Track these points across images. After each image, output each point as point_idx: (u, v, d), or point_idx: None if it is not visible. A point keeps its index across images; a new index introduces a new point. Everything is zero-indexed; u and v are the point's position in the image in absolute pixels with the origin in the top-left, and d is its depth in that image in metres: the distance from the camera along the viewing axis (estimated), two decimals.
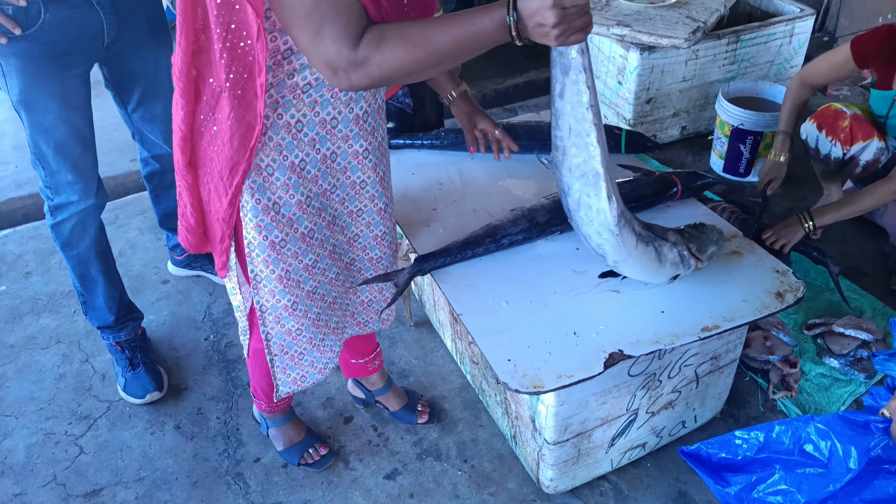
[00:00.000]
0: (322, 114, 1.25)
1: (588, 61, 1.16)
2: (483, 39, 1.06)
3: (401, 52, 1.05)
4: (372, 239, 1.50)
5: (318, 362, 1.58)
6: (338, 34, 1.03)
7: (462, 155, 2.08)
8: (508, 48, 1.25)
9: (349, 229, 1.45)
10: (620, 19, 2.80)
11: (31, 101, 1.70)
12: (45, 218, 1.91)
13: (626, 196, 1.72)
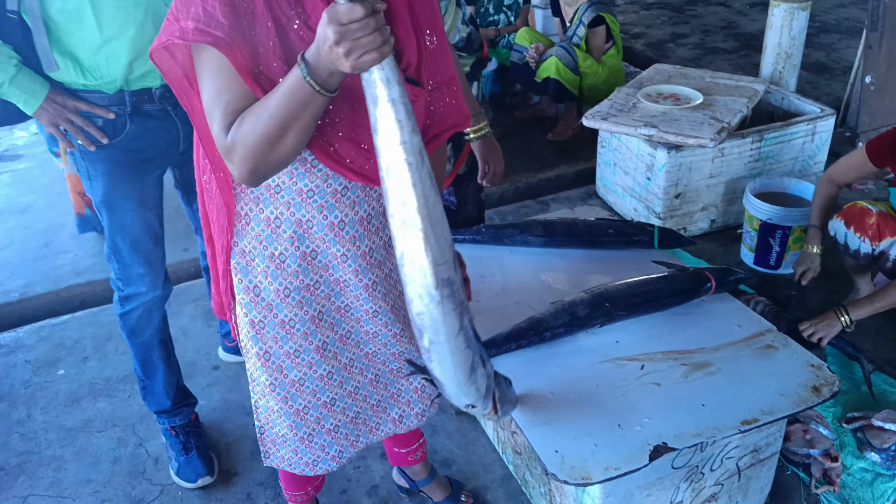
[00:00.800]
0: (297, 214, 1.29)
1: (399, 93, 1.03)
2: (297, 95, 1.03)
3: (249, 125, 1.07)
4: (374, 336, 1.49)
5: (304, 455, 1.55)
6: (217, 123, 1.09)
7: (502, 249, 2.20)
8: (540, 145, 1.37)
9: (340, 326, 1.44)
10: (647, 120, 2.96)
11: (112, 201, 1.87)
12: (114, 307, 2.04)
13: (662, 291, 1.82)
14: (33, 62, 1.71)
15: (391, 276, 1.45)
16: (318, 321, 1.42)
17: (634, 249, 2.12)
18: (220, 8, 1.05)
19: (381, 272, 1.42)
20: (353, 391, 1.52)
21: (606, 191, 3.46)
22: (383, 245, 1.42)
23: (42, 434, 2.37)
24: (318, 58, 0.99)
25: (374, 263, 1.40)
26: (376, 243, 1.40)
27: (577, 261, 2.11)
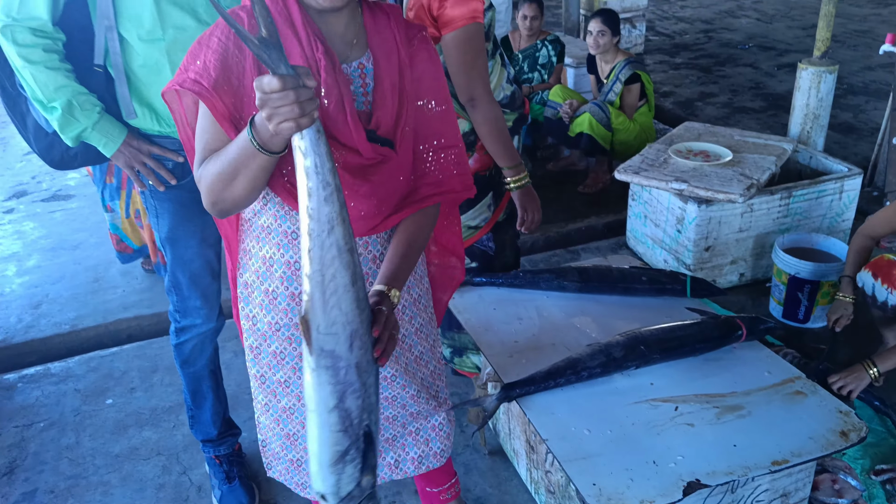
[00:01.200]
0: (286, 255, 1.38)
1: (313, 163, 1.08)
2: (244, 150, 1.13)
3: (211, 165, 1.20)
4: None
5: (294, 476, 1.60)
6: (195, 158, 1.25)
7: (537, 293, 2.29)
8: (571, 197, 1.47)
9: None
10: (678, 175, 3.07)
11: (176, 238, 2.00)
12: (170, 337, 2.16)
13: (695, 337, 1.89)
14: (114, 110, 1.88)
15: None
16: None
17: (667, 297, 2.20)
18: (213, 63, 1.21)
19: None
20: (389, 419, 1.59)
21: (637, 242, 3.55)
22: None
23: (90, 460, 2.47)
24: (261, 120, 1.08)
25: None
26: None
27: (612, 307, 2.19)
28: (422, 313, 1.59)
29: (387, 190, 1.35)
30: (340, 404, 1.16)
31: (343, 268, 1.11)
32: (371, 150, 1.28)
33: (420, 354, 1.60)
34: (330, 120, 1.24)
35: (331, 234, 1.10)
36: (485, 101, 2.05)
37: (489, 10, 2.11)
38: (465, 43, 1.99)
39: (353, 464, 1.20)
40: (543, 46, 4.68)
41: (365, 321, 1.16)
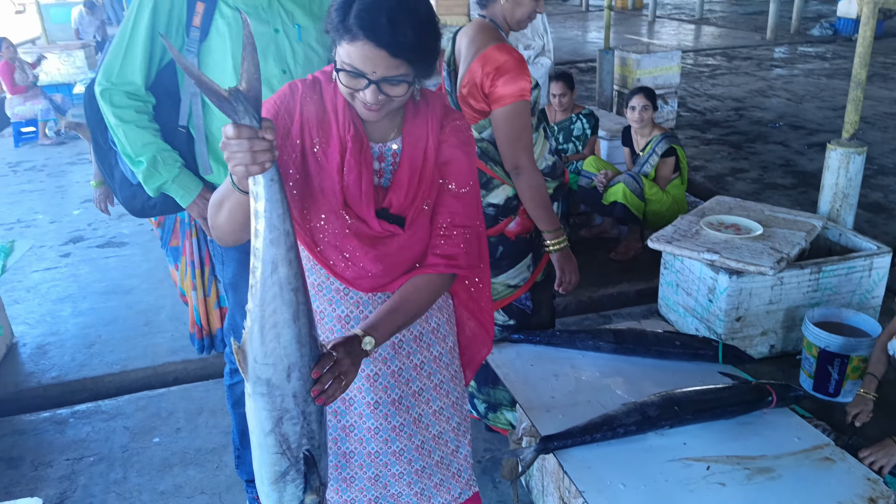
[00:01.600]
0: (337, 310, 1.53)
1: (263, 208, 1.20)
2: (227, 184, 1.29)
3: (211, 209, 1.38)
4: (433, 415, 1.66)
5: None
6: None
7: (573, 353, 2.39)
8: (603, 263, 1.56)
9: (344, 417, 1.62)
10: (710, 246, 3.18)
11: (238, 283, 2.16)
12: (224, 378, 2.29)
13: (727, 400, 1.97)
14: (192, 165, 2.07)
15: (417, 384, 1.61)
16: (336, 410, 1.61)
17: (699, 363, 2.28)
18: (271, 118, 1.39)
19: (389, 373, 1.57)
20: (373, 477, 1.64)
21: (668, 310, 3.63)
22: (400, 356, 1.57)
23: (136, 495, 2.57)
24: None
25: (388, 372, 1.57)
26: (387, 351, 1.55)
27: (645, 368, 2.28)
28: (443, 370, 1.66)
29: (395, 259, 1.46)
30: (276, 428, 1.26)
31: (284, 305, 1.22)
32: (378, 226, 1.41)
33: (439, 409, 1.67)
34: (349, 193, 1.40)
35: (273, 274, 1.21)
36: (528, 170, 2.20)
37: (535, 89, 2.29)
38: (512, 118, 2.16)
39: (295, 483, 1.30)
40: (578, 119, 4.89)
41: (306, 356, 1.25)
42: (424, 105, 1.48)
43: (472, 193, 1.51)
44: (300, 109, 1.41)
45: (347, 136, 1.39)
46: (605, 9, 7.49)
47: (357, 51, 1.27)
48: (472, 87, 2.22)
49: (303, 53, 2.02)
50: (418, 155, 1.44)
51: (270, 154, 1.17)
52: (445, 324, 1.68)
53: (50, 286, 4.29)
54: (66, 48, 9.98)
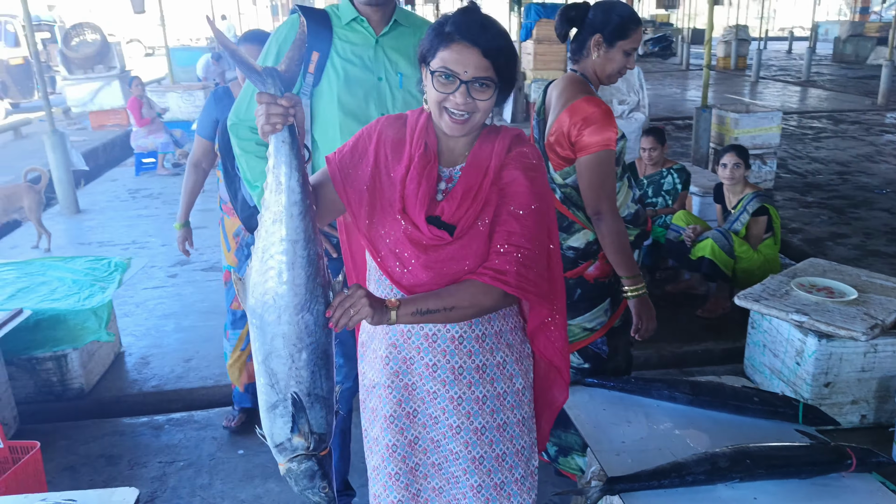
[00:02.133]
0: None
1: (273, 164, 1.41)
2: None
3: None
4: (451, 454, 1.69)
5: None
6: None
7: (647, 401, 2.38)
8: (689, 320, 1.54)
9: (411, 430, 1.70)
10: (799, 307, 3.11)
11: None
12: None
13: (802, 459, 1.93)
14: None
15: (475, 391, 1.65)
16: (393, 419, 1.70)
17: (778, 422, 2.24)
18: (350, 144, 1.62)
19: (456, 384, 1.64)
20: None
21: (754, 370, 3.54)
22: (451, 364, 1.63)
23: (219, 501, 2.73)
24: None
25: (439, 379, 1.64)
26: (439, 360, 1.63)
27: (720, 423, 2.25)
28: (507, 411, 1.68)
29: (444, 268, 1.54)
30: (266, 362, 1.41)
31: (280, 253, 1.38)
32: (428, 230, 1.53)
33: (502, 455, 1.69)
34: (408, 201, 1.54)
35: (274, 223, 1.39)
36: (609, 216, 2.26)
37: (622, 140, 2.36)
38: (596, 166, 2.24)
39: (284, 419, 1.44)
40: (669, 174, 4.89)
41: (299, 305, 1.38)
42: (495, 134, 1.60)
43: (532, 216, 1.55)
44: (379, 133, 1.61)
45: (416, 153, 1.56)
46: (703, 67, 7.48)
47: (452, 53, 1.45)
48: (560, 136, 2.32)
49: (402, 99, 2.20)
50: (478, 173, 1.55)
51: (282, 119, 1.37)
52: (514, 363, 1.69)
53: (157, 303, 4.63)
54: (187, 88, 10.84)
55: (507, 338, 1.68)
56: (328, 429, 1.49)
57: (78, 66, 12.00)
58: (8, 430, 3.06)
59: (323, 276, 1.43)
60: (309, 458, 1.47)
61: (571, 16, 2.42)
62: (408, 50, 2.22)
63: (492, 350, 1.65)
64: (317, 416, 1.44)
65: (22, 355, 3.31)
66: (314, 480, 1.50)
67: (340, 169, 1.59)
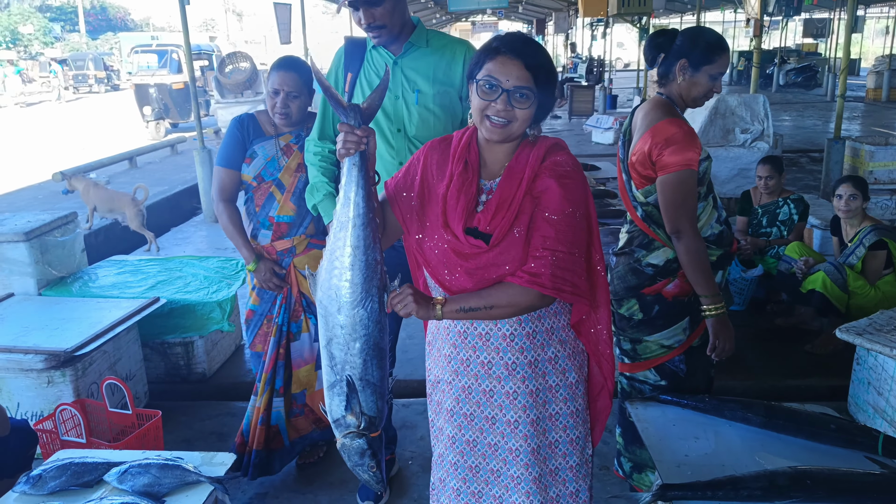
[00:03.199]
0: (458, 325, 1.82)
1: (345, 182, 1.62)
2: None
3: None
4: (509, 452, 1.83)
5: None
6: None
7: (720, 421, 2.37)
8: (797, 355, 1.46)
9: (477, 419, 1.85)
10: None
11: None
12: None
13: (870, 486, 1.89)
14: None
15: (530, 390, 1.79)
16: (453, 414, 1.87)
17: (854, 451, 2.16)
18: (403, 170, 1.83)
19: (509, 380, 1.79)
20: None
21: (857, 409, 3.37)
22: (506, 364, 1.77)
23: (311, 480, 2.96)
24: None
25: (493, 376, 1.80)
26: (493, 358, 1.78)
27: (792, 447, 2.21)
28: (559, 403, 1.83)
29: (484, 275, 1.69)
30: (328, 346, 1.64)
31: (343, 256, 1.60)
32: (465, 239, 1.68)
33: (555, 442, 1.83)
34: (449, 215, 1.72)
35: (341, 231, 1.61)
36: (688, 235, 2.30)
37: (706, 161, 2.39)
38: (676, 185, 2.30)
39: (340, 398, 1.64)
40: (785, 204, 4.74)
41: (356, 302, 1.59)
42: (532, 146, 1.73)
43: (565, 221, 1.66)
44: (425, 156, 1.81)
45: (456, 171, 1.73)
46: (838, 97, 7.13)
47: (496, 64, 1.62)
48: (642, 156, 2.40)
49: (418, 115, 2.47)
50: (512, 185, 1.69)
51: (355, 146, 1.59)
52: (567, 358, 1.82)
53: None
54: None
55: (560, 334, 1.80)
56: (379, 413, 1.67)
57: (229, 90, 13.20)
58: (139, 403, 3.49)
59: (380, 279, 1.63)
60: (360, 437, 1.65)
61: (659, 42, 2.50)
62: (427, 69, 2.48)
63: (543, 346, 1.77)
64: (368, 399, 1.64)
65: (156, 339, 3.76)
66: (363, 458, 1.67)
67: (395, 192, 1.80)
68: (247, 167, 2.79)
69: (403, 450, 3.16)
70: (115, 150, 11.55)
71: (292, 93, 2.71)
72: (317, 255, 2.54)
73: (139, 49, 16.68)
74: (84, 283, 3.94)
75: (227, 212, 2.81)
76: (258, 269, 2.79)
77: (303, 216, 2.80)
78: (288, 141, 2.80)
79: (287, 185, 2.78)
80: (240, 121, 2.82)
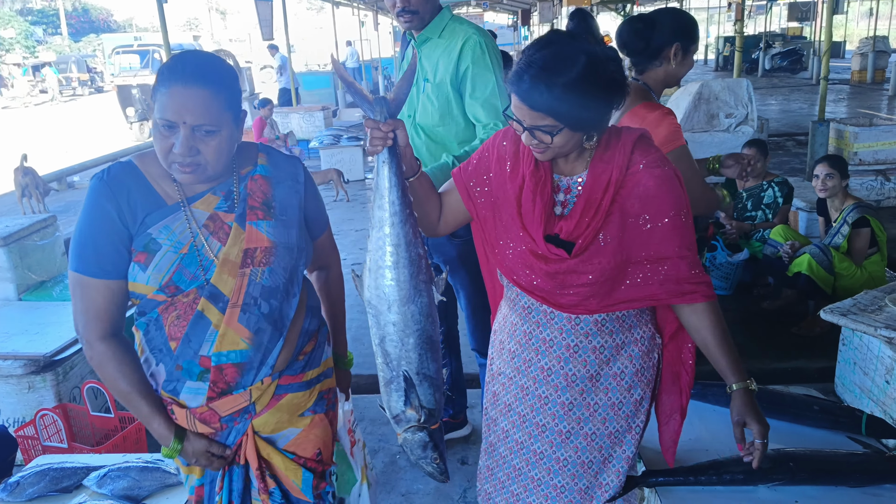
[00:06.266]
0: (513, 317, 1.79)
1: (377, 180, 1.56)
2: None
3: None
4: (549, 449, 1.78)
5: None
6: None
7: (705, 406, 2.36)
8: (784, 338, 1.44)
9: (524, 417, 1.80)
10: (890, 323, 2.94)
11: None
12: None
13: (851, 467, 1.89)
14: None
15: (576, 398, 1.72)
16: (509, 408, 1.82)
17: (838, 432, 2.16)
18: (475, 159, 1.73)
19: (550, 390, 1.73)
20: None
21: (844, 389, 3.37)
22: (566, 374, 1.70)
23: None
24: None
25: (542, 381, 1.73)
26: (554, 366, 1.70)
27: (778, 430, 2.18)
28: (620, 420, 1.74)
29: (565, 280, 1.58)
30: (381, 344, 1.61)
31: (386, 255, 1.55)
32: (545, 247, 1.57)
33: (609, 457, 1.76)
34: (526, 218, 1.60)
35: (380, 230, 1.56)
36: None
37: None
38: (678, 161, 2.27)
39: (398, 393, 1.62)
40: (770, 187, 4.74)
41: (404, 297, 1.55)
42: (616, 141, 1.58)
43: (666, 226, 1.56)
44: (498, 148, 1.69)
45: (527, 171, 1.61)
46: (821, 80, 7.13)
47: (513, 102, 1.51)
48: None
49: (421, 103, 2.50)
50: (599, 188, 1.55)
51: (382, 142, 1.53)
52: (634, 375, 1.71)
53: None
54: (308, 110, 11.55)
55: (631, 349, 1.70)
56: (437, 406, 1.65)
57: None
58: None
59: (426, 273, 1.59)
60: (421, 430, 1.65)
61: (639, 27, 2.47)
62: (437, 60, 2.48)
63: (608, 361, 1.69)
64: (426, 392, 1.62)
65: None
66: (426, 451, 1.67)
67: (466, 185, 1.71)
68: (141, 271, 1.55)
69: (391, 444, 3.14)
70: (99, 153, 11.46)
71: (204, 126, 1.49)
72: (295, 404, 1.69)
73: (121, 50, 16.56)
74: (65, 286, 3.89)
75: (115, 356, 1.59)
76: (184, 453, 1.64)
77: (265, 343, 1.62)
78: (212, 207, 1.60)
79: (229, 292, 1.57)
80: (108, 182, 1.54)
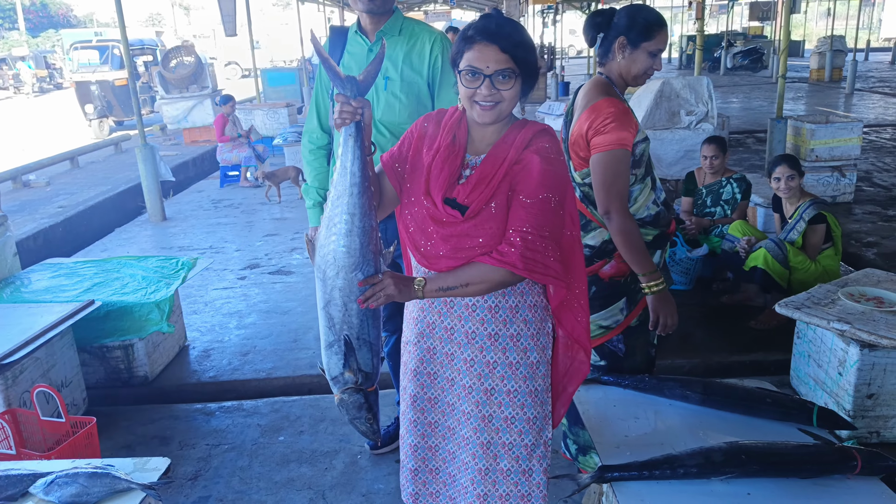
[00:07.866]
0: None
1: (341, 152, 1.68)
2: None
3: None
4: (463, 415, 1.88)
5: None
6: None
7: (661, 400, 2.38)
8: (742, 331, 1.50)
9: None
10: (843, 316, 3.01)
11: None
12: None
13: (802, 458, 1.91)
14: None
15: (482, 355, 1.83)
16: (416, 374, 1.93)
17: (790, 424, 2.19)
18: (398, 143, 1.89)
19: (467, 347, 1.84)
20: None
21: (799, 381, 3.44)
22: (466, 332, 1.82)
23: (255, 482, 2.91)
24: None
25: (454, 341, 1.85)
26: (455, 324, 1.83)
27: (730, 423, 2.22)
28: (519, 381, 1.83)
29: (460, 243, 1.73)
30: (326, 308, 1.70)
31: (340, 223, 1.65)
32: (442, 208, 1.73)
33: (511, 418, 1.83)
34: (431, 184, 1.77)
35: (338, 199, 1.66)
36: (618, 215, 2.29)
37: (644, 143, 2.38)
38: (607, 164, 2.28)
39: (338, 356, 1.72)
40: (728, 184, 4.80)
41: (353, 265, 1.65)
42: (520, 129, 1.77)
43: (539, 205, 1.69)
44: (420, 129, 1.87)
45: (444, 143, 1.79)
46: (779, 77, 7.26)
47: (474, 52, 1.66)
48: (578, 136, 2.38)
49: (384, 100, 2.54)
50: (495, 162, 1.74)
51: (351, 116, 1.66)
52: (530, 338, 1.84)
53: (224, 302, 4.93)
54: (273, 107, 11.39)
55: (525, 313, 1.82)
56: (374, 370, 1.77)
57: (174, 86, 12.88)
58: (77, 410, 3.37)
59: (375, 244, 1.69)
60: (357, 392, 1.75)
61: (598, 21, 2.48)
62: (396, 57, 2.53)
63: (505, 322, 1.81)
64: (364, 357, 1.73)
65: (94, 343, 3.63)
66: (361, 412, 1.78)
67: (391, 164, 1.86)
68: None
69: (352, 444, 3.12)
70: (57, 151, 11.19)
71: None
72: None
73: (79, 45, 16.15)
74: (16, 288, 3.79)
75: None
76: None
77: None
78: None
79: None
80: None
